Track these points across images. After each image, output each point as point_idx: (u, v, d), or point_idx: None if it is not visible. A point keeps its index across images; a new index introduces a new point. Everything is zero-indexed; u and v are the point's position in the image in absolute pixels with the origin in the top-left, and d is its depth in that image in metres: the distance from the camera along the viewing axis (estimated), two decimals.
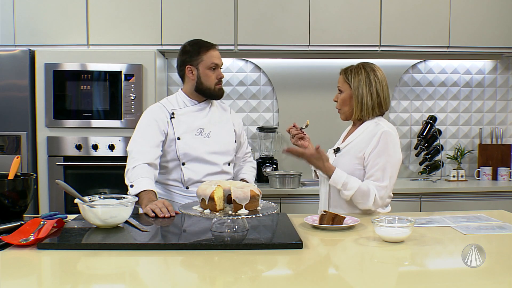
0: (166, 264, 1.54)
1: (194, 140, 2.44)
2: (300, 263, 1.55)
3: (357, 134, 2.32)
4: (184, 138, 2.43)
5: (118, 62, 3.32)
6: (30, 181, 2.02)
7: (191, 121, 2.46)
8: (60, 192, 3.32)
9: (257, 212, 1.75)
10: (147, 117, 2.46)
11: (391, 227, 1.74)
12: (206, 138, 2.46)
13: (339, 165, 2.27)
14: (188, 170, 2.43)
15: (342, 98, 2.34)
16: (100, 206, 1.80)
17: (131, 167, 2.31)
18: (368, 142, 2.24)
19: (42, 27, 3.51)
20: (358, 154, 2.25)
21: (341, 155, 2.32)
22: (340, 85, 2.35)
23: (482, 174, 3.90)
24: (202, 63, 2.44)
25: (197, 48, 2.47)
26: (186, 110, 2.48)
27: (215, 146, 2.47)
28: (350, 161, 2.27)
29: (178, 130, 2.43)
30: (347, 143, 2.34)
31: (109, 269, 1.50)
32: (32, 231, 1.71)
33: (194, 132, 2.45)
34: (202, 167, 2.43)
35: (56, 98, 3.30)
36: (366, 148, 2.24)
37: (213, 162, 2.45)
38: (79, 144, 3.32)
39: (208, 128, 2.48)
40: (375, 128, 2.28)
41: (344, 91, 2.33)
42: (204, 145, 2.44)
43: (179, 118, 2.45)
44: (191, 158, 2.42)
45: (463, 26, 3.66)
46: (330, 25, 3.61)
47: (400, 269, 1.52)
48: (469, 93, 4.12)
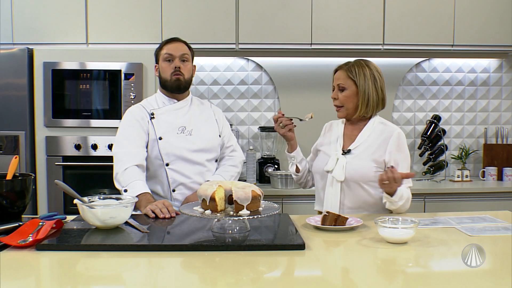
0: (167, 265, 1.54)
1: (176, 139, 2.43)
2: (303, 265, 1.56)
3: (365, 135, 2.33)
4: (166, 137, 2.42)
5: (118, 61, 3.32)
6: (29, 181, 2.02)
7: (171, 120, 2.45)
8: (59, 193, 3.32)
9: (258, 213, 1.76)
10: (128, 118, 2.46)
11: (395, 228, 1.74)
12: (189, 136, 2.45)
13: (353, 167, 2.27)
14: (173, 171, 2.41)
15: (345, 95, 2.32)
16: (100, 207, 1.80)
17: (120, 171, 2.29)
18: (385, 145, 2.28)
19: (41, 25, 3.51)
20: (377, 158, 2.28)
21: (354, 157, 2.29)
22: (342, 82, 2.33)
23: (487, 175, 3.89)
24: (160, 58, 2.47)
25: (159, 46, 2.52)
26: (166, 109, 2.47)
27: (199, 144, 2.46)
28: (366, 164, 2.27)
29: (159, 130, 2.42)
30: (357, 145, 2.32)
31: (109, 271, 1.50)
32: (31, 232, 1.72)
33: (175, 130, 2.44)
34: (187, 167, 2.42)
35: (55, 97, 3.31)
36: (385, 153, 2.27)
37: (197, 161, 2.44)
38: (78, 144, 3.33)
39: (190, 126, 2.47)
40: (385, 129, 2.32)
41: (348, 88, 2.31)
42: (187, 143, 2.43)
43: (159, 117, 2.44)
44: (175, 157, 2.41)
45: (468, 23, 3.65)
46: (333, 23, 3.61)
47: (403, 271, 1.52)
48: (474, 92, 4.12)
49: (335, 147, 2.37)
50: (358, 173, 2.26)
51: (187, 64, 2.48)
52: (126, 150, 2.35)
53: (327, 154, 2.37)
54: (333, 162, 2.30)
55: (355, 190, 2.28)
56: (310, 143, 2.59)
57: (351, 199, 2.29)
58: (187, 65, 2.48)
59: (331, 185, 2.32)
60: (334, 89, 2.38)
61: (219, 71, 3.97)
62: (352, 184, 2.28)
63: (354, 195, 2.29)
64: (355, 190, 2.28)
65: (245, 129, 4.02)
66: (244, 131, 4.02)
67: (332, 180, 2.30)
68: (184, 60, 2.46)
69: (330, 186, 2.32)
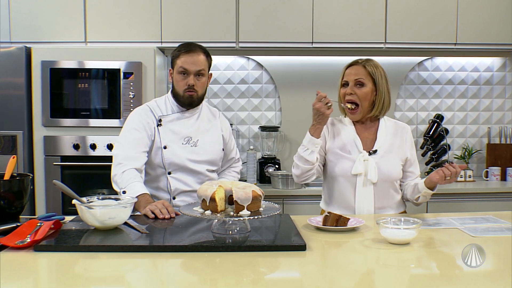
0: (166, 266, 1.54)
1: (181, 149, 2.41)
2: (304, 266, 1.55)
3: (383, 133, 2.36)
4: (171, 147, 2.40)
5: (117, 60, 3.32)
6: (27, 181, 2.02)
7: (178, 129, 2.43)
8: (57, 193, 3.32)
9: (259, 213, 1.75)
10: (134, 120, 2.42)
11: (397, 229, 1.74)
12: (194, 147, 2.43)
13: (385, 168, 2.29)
14: (175, 180, 2.41)
15: (365, 91, 2.30)
16: (99, 207, 1.80)
17: (118, 173, 2.28)
18: (404, 143, 2.37)
19: (39, 24, 3.51)
20: (401, 156, 2.34)
21: (382, 158, 2.31)
22: (362, 77, 2.29)
23: (491, 175, 3.89)
24: (175, 67, 2.41)
25: (177, 50, 2.43)
26: (174, 117, 2.45)
27: (203, 155, 2.44)
28: (396, 163, 2.33)
29: (164, 139, 2.40)
30: (379, 145, 2.33)
31: (108, 272, 1.50)
32: (29, 233, 1.71)
33: (181, 141, 2.42)
34: (189, 177, 2.42)
35: (53, 96, 3.31)
36: (406, 149, 2.36)
37: (199, 172, 2.43)
38: (77, 144, 3.33)
39: (196, 137, 2.45)
40: (397, 126, 2.41)
41: (367, 84, 2.30)
42: (191, 154, 2.42)
43: (167, 125, 2.42)
44: (177, 167, 2.41)
45: (471, 21, 3.65)
46: (334, 22, 3.60)
47: (406, 272, 1.52)
48: (477, 91, 4.11)
49: (354, 149, 2.34)
50: (390, 173, 2.31)
51: (201, 78, 2.41)
52: (127, 153, 2.33)
53: (347, 157, 2.33)
54: (361, 164, 2.28)
55: (386, 190, 2.31)
56: None
57: (381, 199, 2.31)
58: (202, 79, 2.41)
59: (363, 187, 2.29)
60: (343, 85, 2.34)
61: (219, 70, 3.97)
62: (383, 184, 2.30)
63: (384, 195, 2.31)
64: (385, 190, 2.31)
65: (246, 128, 4.02)
66: (245, 130, 4.02)
67: (365, 182, 2.29)
68: (200, 75, 2.40)
69: (363, 188, 2.29)
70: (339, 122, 2.45)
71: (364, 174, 2.28)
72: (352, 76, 2.32)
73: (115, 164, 2.32)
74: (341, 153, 2.35)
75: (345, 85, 2.34)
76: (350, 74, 2.33)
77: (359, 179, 2.29)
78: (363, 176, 2.28)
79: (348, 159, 2.32)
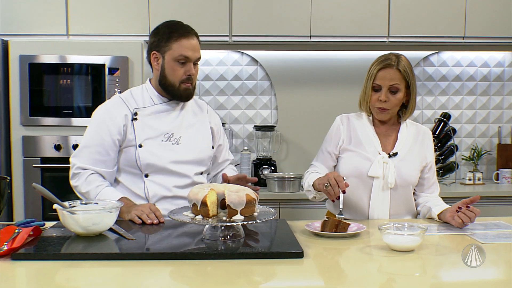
0: (154, 275, 1.55)
1: (159, 148, 2.23)
2: (301, 274, 1.56)
3: (404, 136, 2.35)
4: (147, 145, 2.22)
5: (102, 54, 3.32)
6: (4, 185, 2.02)
7: (157, 125, 2.26)
8: (37, 197, 3.32)
9: (253, 218, 1.76)
10: (99, 119, 2.27)
11: (400, 235, 1.74)
12: (175, 145, 2.26)
13: (405, 171, 2.29)
14: (153, 183, 2.24)
15: (399, 98, 2.27)
16: (82, 212, 1.80)
17: (80, 182, 2.20)
18: (424, 147, 2.37)
19: (17, 15, 3.51)
20: (421, 161, 2.34)
21: (402, 161, 2.29)
22: (398, 82, 2.25)
23: (501, 177, 3.91)
24: (169, 52, 2.21)
25: (168, 32, 2.23)
26: (152, 110, 2.28)
27: (186, 155, 2.27)
28: (415, 168, 2.33)
29: (140, 136, 2.23)
30: (400, 147, 2.32)
31: (91, 282, 1.50)
32: (6, 240, 1.71)
33: (160, 138, 2.25)
34: (169, 179, 2.25)
35: (32, 93, 3.30)
36: (427, 154, 2.36)
37: (182, 174, 2.26)
38: (58, 144, 3.33)
39: (178, 133, 2.28)
40: (418, 129, 2.41)
41: (401, 90, 2.27)
42: (171, 153, 2.25)
43: (143, 120, 2.25)
44: (156, 169, 2.23)
45: (481, 13, 3.67)
46: (334, 14, 3.62)
47: (410, 281, 1.53)
48: (487, 87, 4.14)
49: (371, 148, 2.31)
50: (409, 178, 2.30)
51: (196, 67, 2.28)
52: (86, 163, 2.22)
53: (363, 156, 2.31)
54: (379, 166, 2.27)
55: (402, 196, 2.31)
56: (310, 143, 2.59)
57: (397, 205, 2.31)
58: (197, 68, 2.28)
59: (380, 191, 2.28)
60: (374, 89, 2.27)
61: (211, 66, 3.98)
62: (400, 189, 2.30)
63: (400, 201, 2.31)
64: (402, 196, 2.31)
65: (239, 128, 4.03)
66: (238, 130, 4.03)
67: (383, 185, 2.27)
68: (196, 63, 2.28)
69: (380, 192, 2.28)
70: (357, 118, 2.41)
71: (382, 177, 2.27)
72: (387, 81, 2.25)
73: (73, 174, 2.24)
74: (357, 150, 2.33)
75: (377, 90, 2.28)
76: (384, 78, 2.25)
77: (376, 182, 2.27)
78: (381, 180, 2.27)
79: (364, 158, 2.30)
